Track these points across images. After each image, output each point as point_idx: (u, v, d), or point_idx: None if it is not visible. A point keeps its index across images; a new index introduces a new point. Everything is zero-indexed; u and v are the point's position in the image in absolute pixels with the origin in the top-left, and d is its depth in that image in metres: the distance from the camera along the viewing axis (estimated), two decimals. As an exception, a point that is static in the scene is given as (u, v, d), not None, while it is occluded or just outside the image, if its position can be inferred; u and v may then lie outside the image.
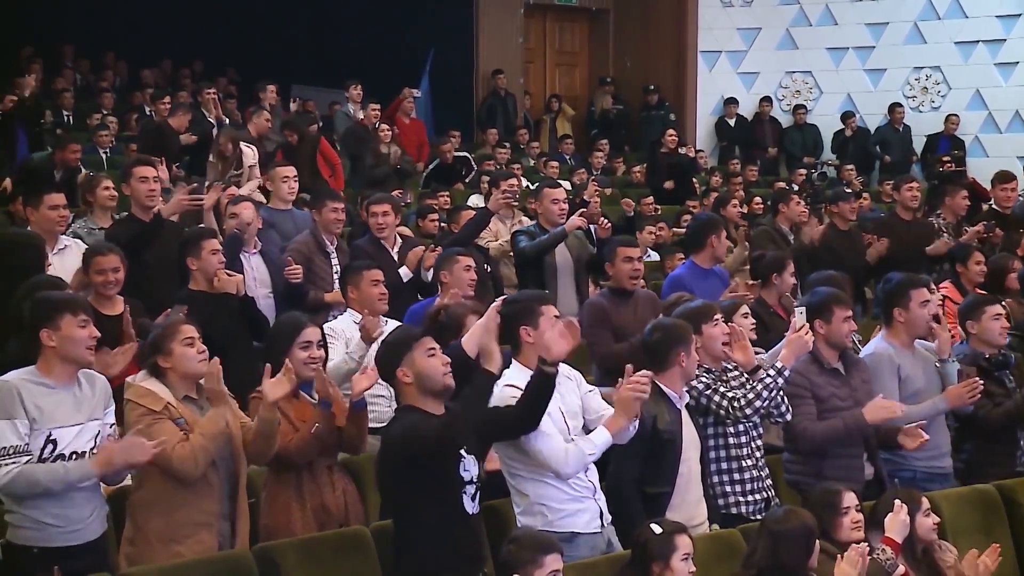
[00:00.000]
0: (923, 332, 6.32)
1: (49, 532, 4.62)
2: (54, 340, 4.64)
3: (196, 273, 6.60)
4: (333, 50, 16.97)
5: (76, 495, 4.66)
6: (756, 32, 17.23)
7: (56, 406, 4.62)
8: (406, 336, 4.85)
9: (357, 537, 5.20)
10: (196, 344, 4.92)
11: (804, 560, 4.81)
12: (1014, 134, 15.83)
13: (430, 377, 4.65)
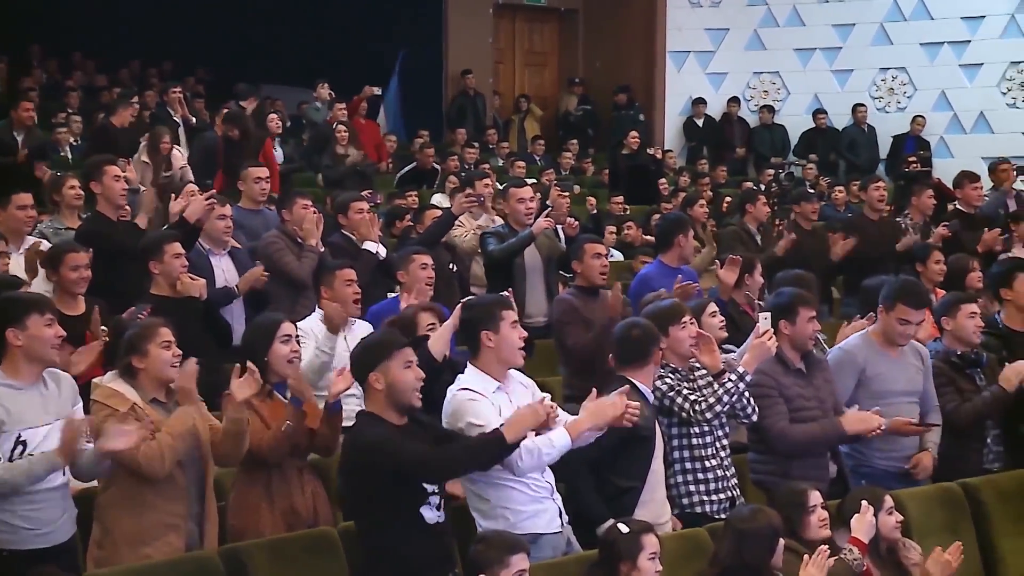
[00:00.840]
0: (900, 340, 6.29)
1: (20, 534, 4.61)
2: (21, 340, 4.63)
3: (158, 277, 6.52)
4: (302, 49, 16.96)
5: (46, 497, 4.65)
6: (724, 33, 17.29)
7: (24, 407, 4.62)
8: (388, 342, 4.83)
9: (325, 538, 5.20)
10: (172, 348, 4.92)
11: (768, 558, 4.84)
12: (979, 135, 15.93)
13: (402, 391, 4.64)
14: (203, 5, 18.75)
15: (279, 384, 5.35)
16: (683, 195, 12.78)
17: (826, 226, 10.46)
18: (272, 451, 5.17)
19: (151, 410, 4.85)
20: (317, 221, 7.65)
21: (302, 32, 17.38)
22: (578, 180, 14.53)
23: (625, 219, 12.20)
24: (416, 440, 4.66)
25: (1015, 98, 15.84)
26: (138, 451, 4.67)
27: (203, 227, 7.19)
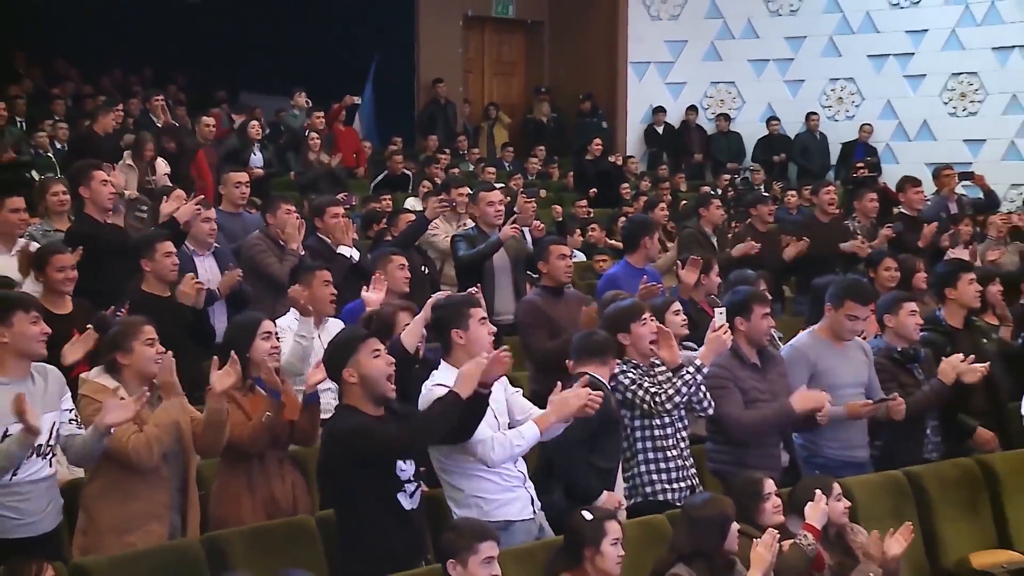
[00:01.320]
0: (847, 336, 6.37)
1: (5, 524, 4.59)
2: (7, 337, 4.63)
3: (149, 275, 6.55)
4: (279, 58, 16.89)
5: (32, 489, 4.64)
6: (683, 44, 17.32)
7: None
8: (352, 337, 4.83)
9: (303, 526, 5.20)
10: (155, 345, 4.92)
11: (719, 543, 4.86)
12: (922, 142, 16.02)
13: (375, 379, 4.64)
14: (182, 15, 18.72)
15: (260, 378, 5.35)
16: (644, 199, 12.84)
17: (779, 228, 10.49)
18: (253, 442, 5.16)
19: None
20: (299, 226, 7.65)
21: (279, 42, 17.30)
22: (544, 184, 14.54)
23: (589, 222, 12.22)
24: (390, 426, 4.68)
25: (956, 108, 15.92)
26: (128, 443, 4.67)
27: (190, 230, 7.18)
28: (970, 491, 6.56)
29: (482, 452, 4.88)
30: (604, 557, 4.67)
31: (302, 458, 5.56)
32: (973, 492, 6.57)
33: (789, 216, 12.35)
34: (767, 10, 16.95)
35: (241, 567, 4.58)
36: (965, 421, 6.76)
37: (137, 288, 6.62)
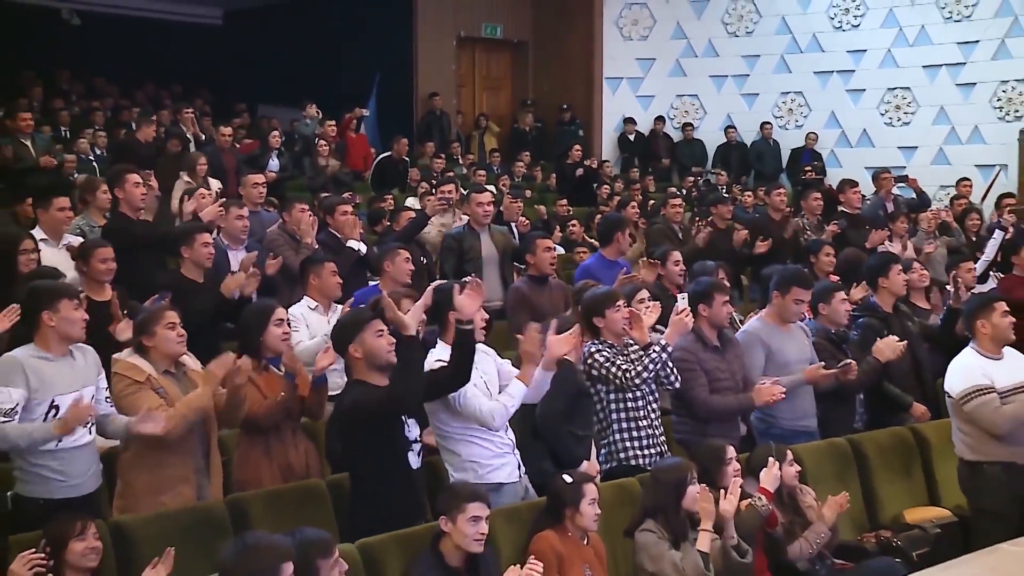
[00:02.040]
0: (794, 318, 6.39)
1: (52, 486, 4.60)
2: (54, 321, 4.63)
3: (187, 261, 6.56)
4: (293, 75, 16.84)
5: (74, 454, 4.64)
6: (652, 62, 17.32)
7: (55, 376, 4.62)
8: (359, 318, 4.85)
9: (314, 489, 5.21)
10: (177, 328, 4.92)
11: (676, 502, 4.88)
12: (862, 148, 16.05)
13: (377, 354, 4.69)
14: (207, 37, 18.70)
15: (273, 359, 5.33)
16: (618, 199, 12.82)
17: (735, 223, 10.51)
18: (267, 418, 5.18)
19: (164, 381, 4.86)
20: (312, 223, 7.64)
21: (292, 60, 17.25)
22: (529, 186, 14.51)
23: (569, 219, 12.21)
24: None
25: (891, 118, 15.94)
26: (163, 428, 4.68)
27: (215, 227, 7.15)
28: (904, 456, 6.62)
29: (484, 419, 4.91)
30: (583, 515, 4.69)
31: (313, 429, 5.56)
32: (907, 457, 6.63)
33: (745, 214, 12.34)
34: (726, 32, 16.95)
35: (260, 526, 4.57)
36: (901, 396, 6.79)
37: (176, 272, 6.69)
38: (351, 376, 4.78)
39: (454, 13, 16.99)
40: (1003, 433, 5.46)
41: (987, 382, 5.49)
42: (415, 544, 4.53)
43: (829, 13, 16.28)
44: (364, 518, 4.68)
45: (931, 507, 6.45)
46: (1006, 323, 5.63)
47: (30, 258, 6.42)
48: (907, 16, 15.68)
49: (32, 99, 14.52)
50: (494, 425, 4.92)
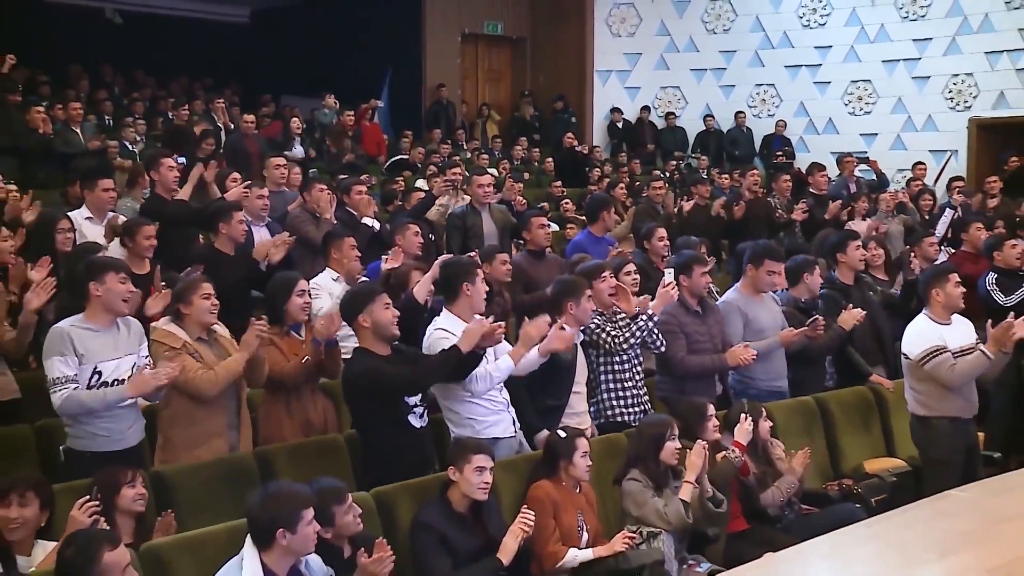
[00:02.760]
0: (767, 288, 6.38)
1: (98, 441, 4.59)
2: (100, 291, 4.60)
3: (223, 236, 6.53)
4: (313, 68, 16.75)
5: (119, 412, 4.62)
6: (638, 56, 17.21)
7: (100, 345, 4.58)
8: (369, 291, 4.86)
9: (333, 443, 5.22)
10: (211, 298, 4.89)
11: (655, 453, 4.87)
12: (828, 135, 15.97)
13: (384, 326, 4.70)
14: (236, 33, 18.63)
15: (295, 325, 5.31)
16: (607, 181, 12.77)
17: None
18: (291, 378, 5.17)
19: (198, 346, 4.84)
20: (330, 200, 7.60)
21: (312, 55, 17.16)
22: (527, 169, 14.45)
23: (563, 199, 12.17)
24: (397, 365, 4.70)
25: (854, 108, 15.86)
26: (197, 378, 4.70)
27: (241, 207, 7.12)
28: (864, 412, 6.65)
29: (469, 383, 4.88)
30: (575, 467, 4.70)
31: (330, 388, 5.55)
32: (866, 413, 6.66)
33: (722, 194, 12.30)
34: (705, 29, 16.83)
35: (284, 475, 4.58)
36: (862, 365, 6.82)
37: (210, 245, 6.66)
38: (358, 341, 4.78)
39: (458, 12, 16.89)
40: (956, 387, 5.50)
41: (941, 343, 5.51)
42: (424, 492, 4.53)
43: (798, 12, 16.18)
44: (375, 470, 4.70)
45: (888, 458, 6.49)
46: (958, 292, 5.65)
47: (67, 237, 6.41)
48: (868, 15, 15.60)
49: (79, 91, 14.46)
50: (476, 390, 4.89)
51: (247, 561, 3.53)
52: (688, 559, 4.85)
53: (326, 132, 13.14)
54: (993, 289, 7.07)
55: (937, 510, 4.03)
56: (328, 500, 3.93)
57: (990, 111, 14.59)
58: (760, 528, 5.30)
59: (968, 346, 5.59)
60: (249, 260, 6.45)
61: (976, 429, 5.80)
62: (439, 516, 4.33)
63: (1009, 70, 14.40)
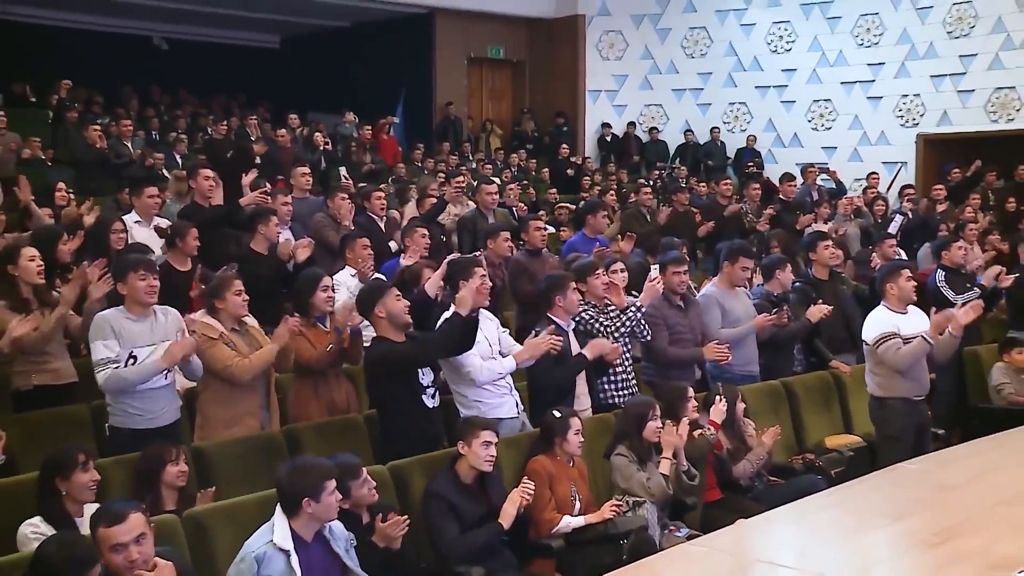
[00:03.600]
0: (740, 283, 6.36)
1: (136, 419, 4.57)
2: (125, 289, 4.59)
3: (259, 236, 6.50)
4: (336, 87, 16.71)
5: (154, 393, 4.59)
6: (625, 78, 17.18)
7: (137, 332, 4.55)
8: (380, 286, 4.90)
9: (353, 422, 5.19)
10: (242, 294, 4.87)
11: (638, 431, 4.85)
12: (793, 148, 15.94)
13: (396, 315, 4.70)
14: (268, 57, 18.62)
15: (320, 317, 5.29)
16: (597, 188, 12.74)
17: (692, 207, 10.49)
18: (317, 363, 5.14)
19: (232, 336, 4.83)
20: (350, 209, 7.57)
21: (335, 76, 17.11)
22: (526, 177, 14.42)
23: (557, 204, 12.14)
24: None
25: (816, 124, 15.84)
26: (236, 366, 4.68)
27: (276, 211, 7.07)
28: (825, 394, 6.64)
29: (474, 375, 4.89)
30: (569, 443, 4.68)
31: (352, 373, 5.53)
32: (827, 395, 6.65)
33: (699, 201, 12.28)
34: (684, 54, 16.79)
35: (310, 451, 4.55)
36: (823, 352, 6.85)
37: (246, 246, 6.62)
38: (376, 332, 4.78)
39: (465, 38, 16.82)
40: (903, 369, 5.47)
41: (894, 330, 5.49)
42: (435, 466, 4.51)
43: (767, 39, 16.15)
44: (391, 445, 4.68)
45: (846, 435, 6.47)
46: (910, 286, 5.64)
47: (119, 237, 6.41)
48: (828, 42, 15.59)
49: (130, 109, 14.46)
50: (479, 380, 4.89)
51: (277, 527, 3.51)
52: (669, 525, 4.84)
53: (347, 144, 13.09)
54: (943, 286, 7.08)
55: (889, 480, 4.03)
56: (344, 475, 3.91)
57: (935, 128, 14.63)
58: (733, 497, 5.28)
59: (919, 333, 5.56)
60: (279, 259, 6.44)
61: (927, 408, 5.77)
62: (448, 486, 4.31)
63: (951, 91, 14.45)
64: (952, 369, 6.76)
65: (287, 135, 11.36)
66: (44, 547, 3.05)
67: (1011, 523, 3.18)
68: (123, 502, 3.38)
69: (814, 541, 3.25)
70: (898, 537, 3.21)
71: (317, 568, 3.54)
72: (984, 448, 4.42)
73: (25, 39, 15.50)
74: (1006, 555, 2.77)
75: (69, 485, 3.84)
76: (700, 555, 3.13)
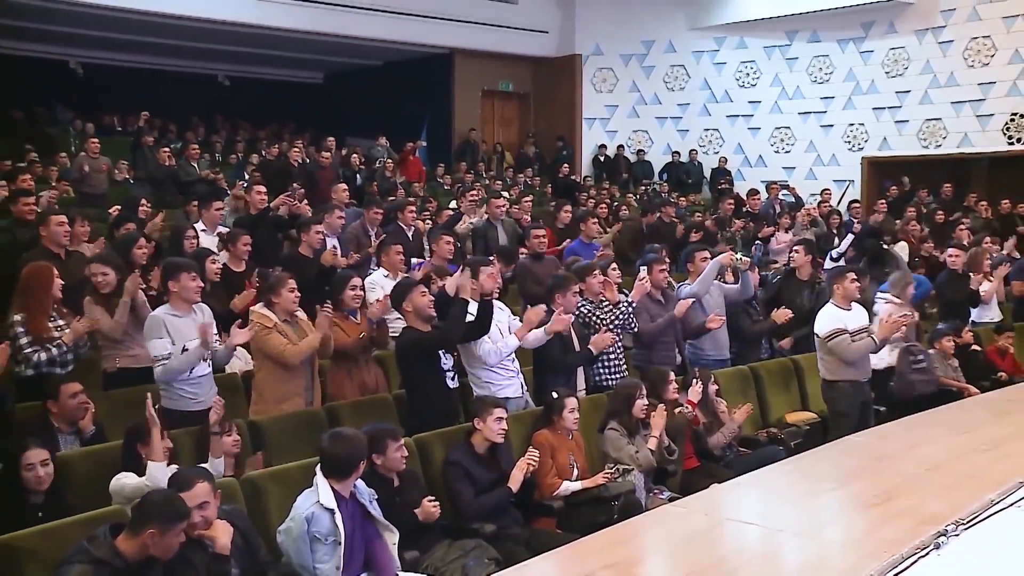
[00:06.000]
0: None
1: (185, 402, 4.56)
2: (176, 288, 4.57)
3: (304, 244, 6.49)
4: (370, 116, 16.70)
5: (201, 381, 4.58)
6: (615, 107, 17.13)
7: (184, 327, 4.54)
8: (409, 283, 4.89)
9: (383, 401, 5.19)
10: (295, 291, 4.86)
11: (628, 408, 4.83)
12: (758, 168, 15.86)
13: (422, 309, 4.69)
14: (311, 91, 18.64)
15: (351, 310, 5.27)
16: (592, 202, 12.70)
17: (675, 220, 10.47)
18: (353, 350, 5.14)
19: (285, 327, 4.82)
20: (381, 221, 7.56)
21: (368, 106, 17.10)
22: (531, 192, 14.36)
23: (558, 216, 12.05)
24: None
25: (778, 148, 15.74)
26: (286, 352, 4.66)
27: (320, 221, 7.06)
28: (785, 377, 6.63)
29: (484, 357, 4.87)
30: (565, 420, 4.67)
31: (381, 358, 5.52)
32: (787, 378, 6.63)
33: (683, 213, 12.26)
34: (666, 88, 16.73)
35: (346, 424, 4.55)
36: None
37: (294, 249, 6.63)
38: (406, 322, 4.78)
39: (480, 73, 16.79)
40: (851, 361, 5.48)
41: (843, 326, 5.48)
42: (453, 439, 4.50)
43: (735, 76, 16.10)
44: (416, 420, 4.66)
45: (803, 412, 6.45)
46: (853, 287, 5.64)
47: (191, 242, 6.41)
48: (787, 79, 15.55)
49: (197, 135, 14.51)
50: (489, 362, 4.88)
51: (321, 489, 3.52)
52: (653, 489, 4.82)
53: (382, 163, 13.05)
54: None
55: (838, 450, 4.01)
56: (384, 434, 3.93)
57: (877, 151, 14.65)
58: (708, 465, 5.27)
59: (863, 327, 5.56)
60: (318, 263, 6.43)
61: (870, 389, 5.74)
62: (464, 456, 4.31)
63: (890, 121, 14.52)
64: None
65: (328, 157, 11.33)
66: (152, 495, 3.18)
67: (939, 486, 3.18)
68: (194, 471, 3.43)
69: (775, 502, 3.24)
70: (845, 499, 3.20)
71: (352, 519, 3.56)
72: (917, 423, 4.40)
73: (112, 79, 15.79)
74: (935, 512, 2.77)
75: (148, 450, 3.86)
76: (680, 515, 3.12)
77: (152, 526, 2.94)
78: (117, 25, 13.65)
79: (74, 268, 5.41)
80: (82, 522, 3.36)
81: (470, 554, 3.86)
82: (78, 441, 4.31)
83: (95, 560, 2.86)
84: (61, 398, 4.24)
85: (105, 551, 2.90)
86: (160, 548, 2.97)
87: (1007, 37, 13.41)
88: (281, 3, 13.87)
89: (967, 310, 7.61)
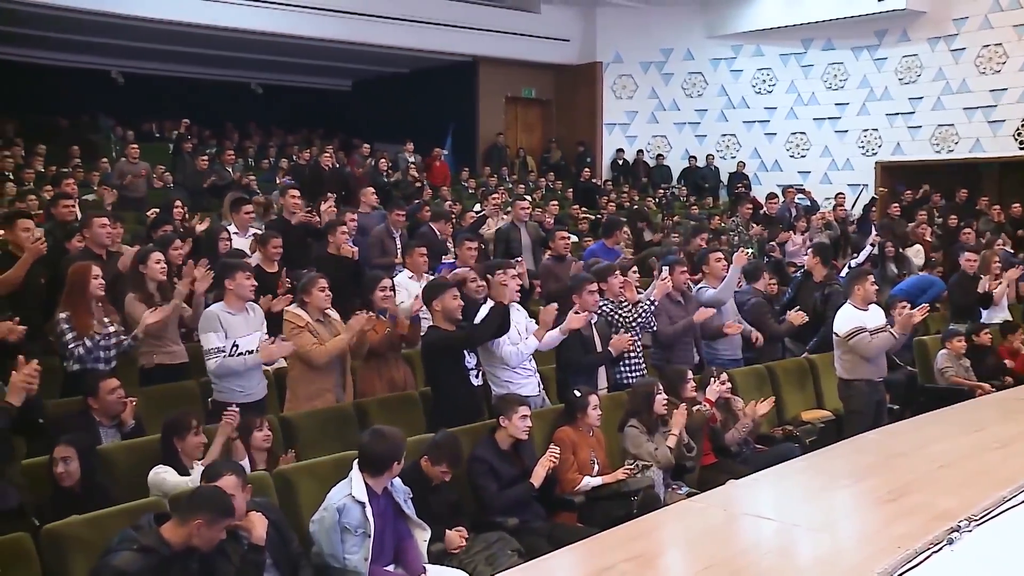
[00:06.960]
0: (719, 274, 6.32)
1: (235, 395, 4.60)
2: (232, 286, 4.63)
3: (332, 244, 6.53)
4: (397, 122, 16.79)
5: (249, 374, 4.65)
6: (635, 113, 17.09)
7: (237, 324, 4.61)
8: (442, 283, 4.88)
9: (410, 398, 5.20)
10: (326, 291, 4.89)
11: (648, 407, 4.81)
12: (774, 172, 15.77)
13: (451, 310, 4.68)
14: (340, 99, 18.75)
15: (381, 310, 5.31)
16: (612, 206, 12.68)
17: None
18: (380, 346, 5.15)
19: (317, 326, 4.86)
20: (404, 225, 7.59)
21: (396, 114, 17.19)
22: (553, 196, 14.35)
23: (579, 218, 12.09)
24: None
25: (794, 152, 15.64)
26: (313, 352, 4.68)
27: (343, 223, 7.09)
28: (801, 376, 6.59)
29: (506, 358, 4.87)
30: (588, 416, 4.67)
31: (409, 356, 5.55)
32: (803, 377, 6.59)
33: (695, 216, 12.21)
34: (684, 94, 16.66)
35: (375, 421, 4.58)
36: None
37: (323, 249, 6.67)
38: (433, 321, 4.79)
39: (503, 81, 16.81)
40: (872, 356, 5.46)
41: (862, 325, 5.46)
42: (477, 435, 4.51)
43: (752, 83, 16.00)
44: (441, 417, 4.66)
45: (819, 410, 6.41)
46: (872, 288, 5.62)
47: (225, 243, 6.48)
48: (803, 86, 15.44)
49: (232, 141, 14.66)
50: (510, 364, 4.88)
51: (355, 483, 3.54)
52: (671, 484, 4.81)
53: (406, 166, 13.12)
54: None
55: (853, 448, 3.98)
56: (449, 456, 3.99)
57: (890, 156, 14.54)
58: (725, 461, 5.24)
59: (880, 326, 5.54)
60: (352, 262, 6.46)
61: (885, 388, 5.70)
62: (489, 451, 4.33)
63: (903, 127, 14.41)
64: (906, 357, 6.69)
65: (357, 162, 11.45)
66: (204, 489, 3.23)
67: (950, 483, 3.15)
68: (224, 464, 3.47)
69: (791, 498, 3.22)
70: (859, 495, 3.18)
71: (383, 515, 3.57)
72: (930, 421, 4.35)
73: (151, 87, 16.09)
74: (946, 509, 2.75)
75: (184, 444, 3.92)
76: (697, 509, 3.11)
77: (201, 517, 3.00)
78: (156, 36, 13.87)
79: (114, 268, 5.49)
80: (124, 512, 3.41)
81: (493, 546, 3.87)
82: (119, 435, 4.38)
83: (142, 547, 2.91)
84: (100, 394, 4.31)
85: (152, 539, 2.95)
86: (204, 539, 3.01)
87: (1018, 45, 13.30)
88: (312, 13, 13.98)
89: (977, 311, 7.54)
